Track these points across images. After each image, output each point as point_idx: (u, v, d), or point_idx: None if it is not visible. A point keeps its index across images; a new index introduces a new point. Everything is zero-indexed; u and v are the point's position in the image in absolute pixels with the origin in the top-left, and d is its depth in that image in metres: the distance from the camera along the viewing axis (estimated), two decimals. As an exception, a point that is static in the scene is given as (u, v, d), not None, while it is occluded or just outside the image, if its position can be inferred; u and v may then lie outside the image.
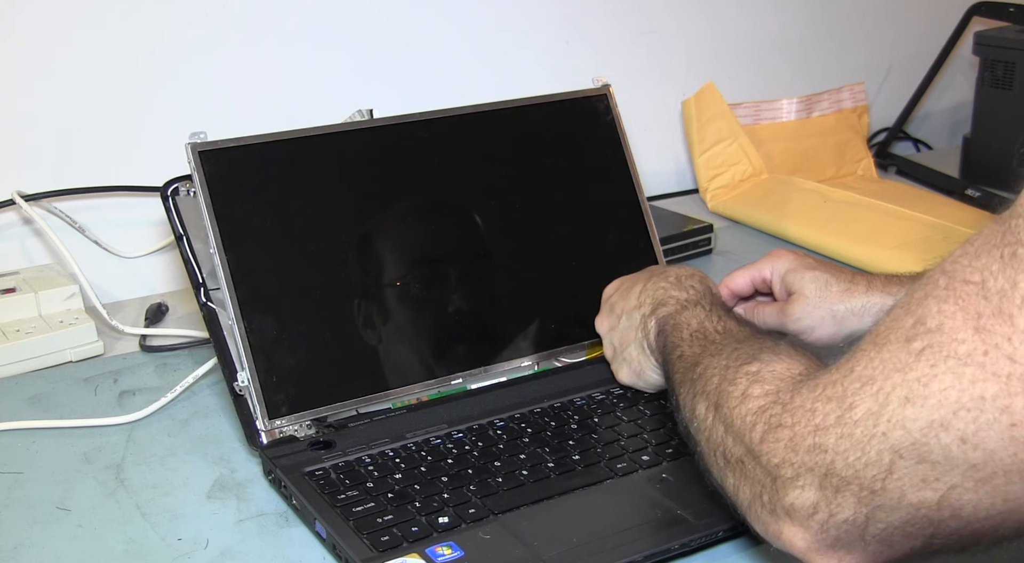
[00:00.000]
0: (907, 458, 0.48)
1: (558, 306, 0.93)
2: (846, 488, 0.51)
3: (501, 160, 0.94)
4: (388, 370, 0.85)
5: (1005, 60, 1.42)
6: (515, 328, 0.91)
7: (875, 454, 0.49)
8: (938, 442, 0.47)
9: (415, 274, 0.88)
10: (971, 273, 0.47)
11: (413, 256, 0.89)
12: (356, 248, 0.87)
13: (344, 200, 0.87)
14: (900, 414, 0.48)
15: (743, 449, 0.56)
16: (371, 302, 0.86)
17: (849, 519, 0.51)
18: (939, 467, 0.47)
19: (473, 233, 0.91)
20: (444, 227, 0.91)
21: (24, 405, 0.92)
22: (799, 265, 0.86)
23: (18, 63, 1.07)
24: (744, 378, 0.59)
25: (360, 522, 0.70)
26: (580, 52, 1.36)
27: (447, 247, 0.90)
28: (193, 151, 0.82)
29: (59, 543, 0.73)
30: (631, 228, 0.97)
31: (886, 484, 0.49)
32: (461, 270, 0.90)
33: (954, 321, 0.47)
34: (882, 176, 1.50)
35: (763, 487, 0.55)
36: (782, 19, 1.52)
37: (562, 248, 0.94)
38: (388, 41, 1.24)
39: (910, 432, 0.47)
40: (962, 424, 0.46)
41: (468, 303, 0.89)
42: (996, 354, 0.45)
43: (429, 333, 0.88)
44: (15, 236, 1.11)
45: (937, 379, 0.47)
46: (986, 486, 0.47)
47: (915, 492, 0.48)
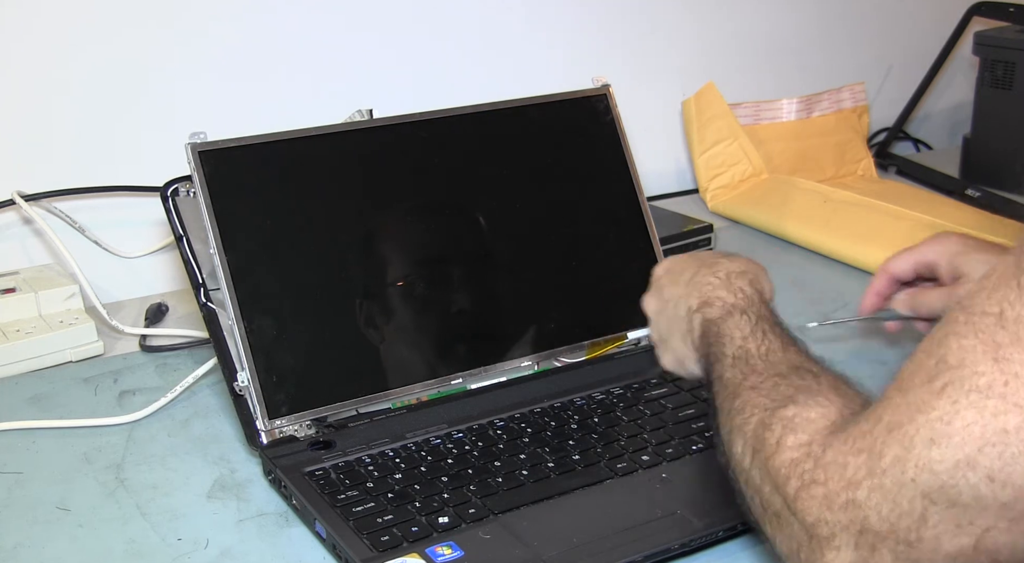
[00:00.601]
0: (938, 503, 0.47)
1: (558, 306, 0.93)
2: (882, 544, 0.49)
3: (501, 160, 0.94)
4: (388, 370, 0.85)
5: (1005, 60, 1.42)
6: (515, 328, 0.91)
7: (907, 504, 0.48)
8: (967, 482, 0.46)
9: (415, 274, 0.88)
10: (990, 305, 0.46)
11: (413, 256, 0.89)
12: (356, 248, 0.87)
13: (344, 200, 0.87)
14: (927, 457, 0.47)
15: (780, 502, 0.55)
16: (371, 302, 0.86)
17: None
18: (971, 510, 0.46)
19: (473, 233, 0.91)
20: (444, 227, 0.91)
21: (24, 405, 0.92)
22: (968, 247, 0.83)
23: (18, 63, 1.07)
24: (779, 424, 0.57)
25: (360, 522, 0.70)
26: (580, 52, 1.36)
27: (447, 247, 0.90)
28: (193, 151, 0.82)
29: (59, 543, 0.73)
30: (631, 228, 0.97)
31: (921, 534, 0.48)
32: (461, 270, 0.90)
33: (974, 355, 0.46)
34: (882, 176, 1.50)
35: (800, 544, 0.53)
36: (782, 19, 1.52)
37: (562, 248, 0.94)
38: (388, 41, 1.24)
39: (937, 474, 0.46)
40: (988, 461, 0.45)
41: (468, 303, 0.89)
42: (1016, 383, 0.44)
43: (429, 333, 0.88)
44: (15, 236, 1.11)
45: (960, 415, 0.46)
46: (1021, 525, 0.46)
47: (951, 540, 0.47)
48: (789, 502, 0.53)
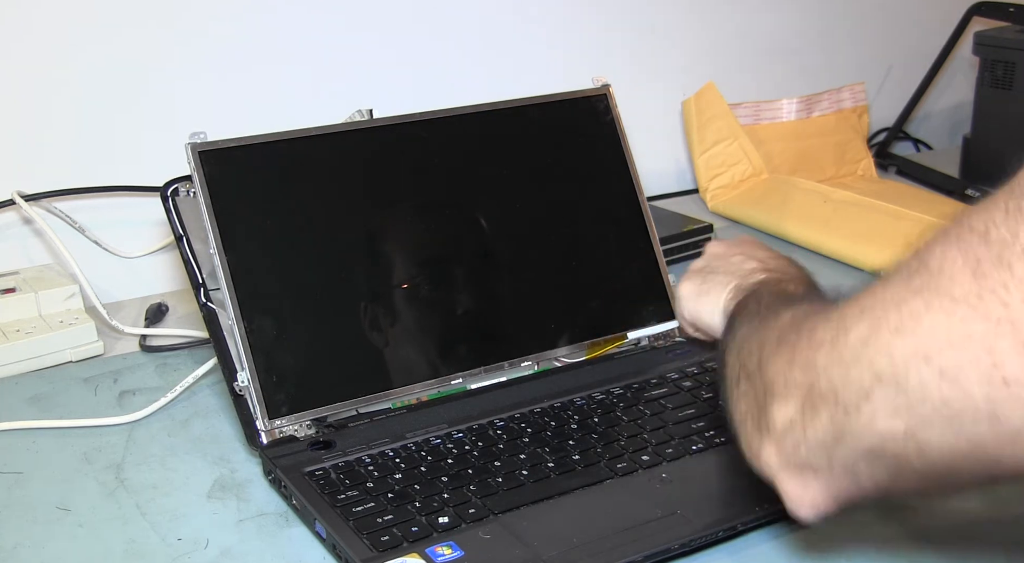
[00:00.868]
0: (886, 385, 0.49)
1: (558, 306, 0.93)
2: (823, 405, 0.52)
3: (501, 160, 0.94)
4: (388, 370, 0.85)
5: (1005, 60, 1.42)
6: (515, 328, 0.91)
7: (856, 376, 0.51)
8: (917, 373, 0.48)
9: (415, 274, 0.88)
10: (977, 222, 0.48)
11: (413, 256, 0.89)
12: (356, 248, 0.87)
13: (344, 200, 0.87)
14: (888, 342, 0.49)
15: (755, 363, 0.58)
16: (371, 302, 0.86)
17: (820, 439, 0.53)
18: (913, 399, 0.49)
19: (473, 233, 0.91)
20: (444, 227, 0.91)
21: (24, 405, 0.92)
22: None
23: (18, 63, 1.07)
24: (790, 310, 0.60)
25: (360, 522, 0.70)
26: (580, 52, 1.36)
27: (447, 247, 0.90)
28: (193, 151, 0.82)
29: (59, 543, 0.73)
30: (631, 228, 0.97)
31: (860, 407, 0.51)
32: (461, 270, 0.90)
33: (954, 265, 0.48)
34: (882, 176, 1.50)
35: (757, 402, 0.57)
36: (782, 19, 1.52)
37: (562, 248, 0.94)
38: (388, 41, 1.24)
39: (893, 360, 0.49)
40: (944, 359, 0.47)
41: (468, 303, 0.89)
42: (991, 298, 0.46)
43: (429, 333, 0.88)
44: (15, 236, 1.11)
45: (929, 315, 0.48)
46: (953, 424, 0.48)
47: (885, 420, 0.50)
48: (763, 359, 0.58)
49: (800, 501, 0.56)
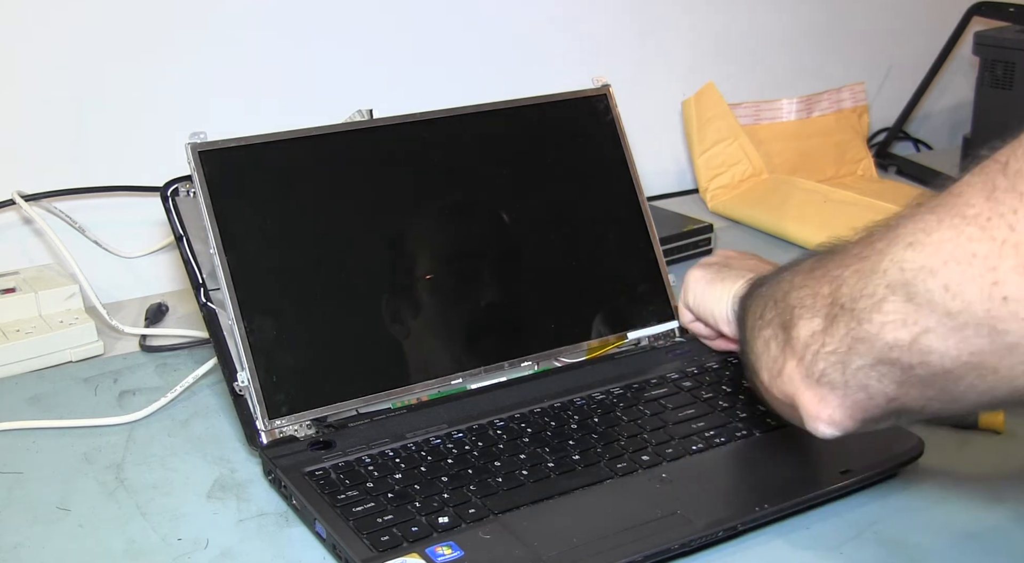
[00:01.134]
0: (897, 295, 0.53)
1: (558, 306, 0.93)
2: (841, 316, 0.56)
3: (501, 160, 0.94)
4: (388, 370, 0.85)
5: (1005, 60, 1.42)
6: (515, 328, 0.91)
7: (872, 287, 0.54)
8: (924, 285, 0.52)
9: (415, 274, 0.88)
10: (1000, 155, 0.51)
11: (413, 256, 0.89)
12: (356, 248, 0.87)
13: (344, 200, 0.87)
14: (901, 255, 0.53)
15: (784, 291, 0.62)
16: (371, 302, 0.86)
17: (836, 350, 0.57)
18: (920, 309, 0.52)
19: (473, 233, 0.91)
20: (444, 228, 0.91)
21: (24, 405, 0.92)
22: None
23: (18, 63, 1.07)
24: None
25: (360, 522, 0.70)
26: (580, 52, 1.36)
27: (447, 247, 0.90)
28: (193, 151, 0.82)
29: (59, 543, 0.73)
30: (631, 228, 0.97)
31: (872, 316, 0.54)
32: (461, 270, 0.90)
33: (971, 189, 0.51)
34: (882, 176, 1.50)
35: (783, 324, 0.61)
36: (782, 19, 1.52)
37: (562, 248, 0.94)
38: (388, 41, 1.24)
39: (904, 272, 0.53)
40: (949, 273, 0.51)
41: (468, 303, 0.89)
42: (999, 222, 0.49)
43: (429, 333, 0.88)
44: (15, 236, 1.11)
45: (939, 231, 0.52)
46: (956, 336, 0.51)
47: (893, 331, 0.53)
48: (794, 285, 0.61)
49: (818, 416, 0.59)
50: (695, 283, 0.87)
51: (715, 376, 0.90)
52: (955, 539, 0.71)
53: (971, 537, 0.72)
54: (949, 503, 0.75)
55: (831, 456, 0.78)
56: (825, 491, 0.74)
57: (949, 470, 0.79)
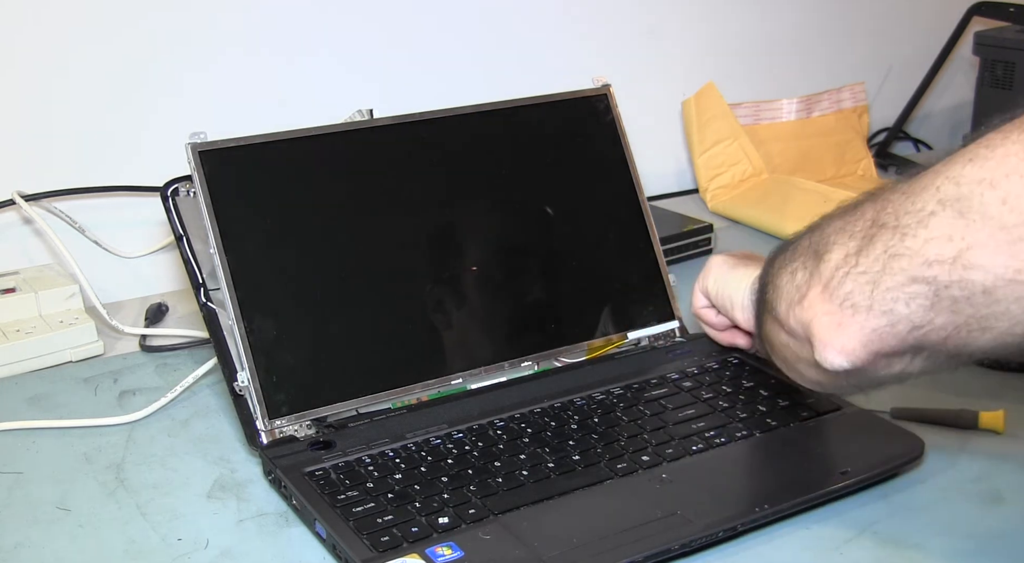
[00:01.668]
0: (947, 210, 0.52)
1: (558, 306, 0.93)
2: (881, 234, 0.55)
3: (501, 160, 0.94)
4: (388, 370, 0.85)
5: (1005, 60, 1.42)
6: (515, 328, 0.91)
7: (920, 203, 0.54)
8: (980, 199, 0.51)
9: (415, 274, 0.88)
10: None
11: (412, 256, 0.89)
12: (355, 248, 0.87)
13: (344, 200, 0.87)
14: (958, 172, 0.53)
15: (818, 229, 0.62)
16: (370, 302, 0.86)
17: (868, 270, 0.55)
18: (972, 225, 0.51)
19: (473, 233, 0.91)
20: (443, 227, 0.91)
21: (24, 405, 0.92)
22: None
23: (19, 63, 1.07)
24: None
25: (360, 522, 0.70)
26: (580, 52, 1.36)
27: (446, 247, 0.90)
28: (193, 151, 0.82)
29: (59, 543, 0.73)
30: (631, 228, 0.97)
31: (916, 232, 0.53)
32: (460, 270, 0.90)
33: None
34: (882, 176, 1.50)
35: (815, 254, 0.60)
36: (782, 19, 1.52)
37: (561, 248, 0.94)
38: (388, 41, 1.24)
39: (959, 186, 0.52)
40: (1010, 186, 0.50)
41: (467, 303, 0.89)
42: None
43: (428, 333, 0.88)
44: (15, 236, 1.11)
45: (1004, 146, 0.52)
46: (1007, 251, 0.50)
47: (937, 246, 0.53)
48: (830, 223, 0.62)
49: (830, 342, 0.57)
50: (718, 266, 0.85)
51: (715, 376, 0.90)
52: (955, 539, 0.71)
53: (971, 537, 0.72)
54: (949, 503, 0.75)
55: (831, 456, 0.78)
56: (825, 491, 0.74)
57: (949, 470, 0.79)
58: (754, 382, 0.88)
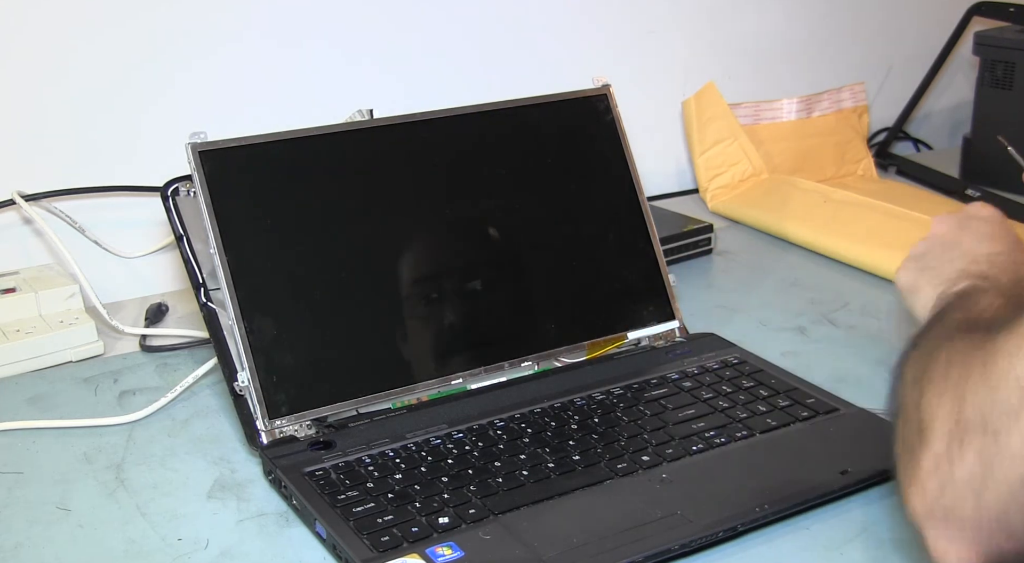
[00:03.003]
0: None
1: (558, 306, 0.93)
2: (971, 436, 0.48)
3: (501, 160, 0.94)
4: (388, 370, 0.85)
5: (1005, 60, 1.42)
6: (515, 328, 0.91)
7: (1004, 396, 0.47)
8: None
9: (415, 274, 0.88)
10: None
11: (413, 256, 0.89)
12: (356, 248, 0.87)
13: (344, 200, 0.87)
14: None
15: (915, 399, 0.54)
16: (371, 302, 0.86)
17: (967, 477, 0.48)
18: None
19: (473, 233, 0.91)
20: (444, 228, 0.91)
21: (24, 405, 0.92)
22: None
23: (18, 64, 1.07)
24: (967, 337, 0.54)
25: (360, 522, 0.70)
26: (580, 52, 1.36)
27: (447, 247, 0.90)
28: (193, 151, 0.82)
29: (59, 543, 0.73)
30: (631, 228, 0.97)
31: (1011, 429, 0.47)
32: (461, 270, 0.90)
33: None
34: (882, 176, 1.50)
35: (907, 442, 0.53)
36: (782, 19, 1.52)
37: (562, 248, 0.94)
38: (388, 41, 1.24)
39: None
40: None
41: (468, 303, 0.89)
42: None
43: (429, 333, 0.88)
44: (15, 236, 1.11)
45: None
46: None
47: None
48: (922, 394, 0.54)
49: (945, 556, 0.51)
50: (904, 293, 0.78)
51: (715, 376, 0.90)
52: None
53: None
54: None
55: (831, 456, 0.78)
56: (825, 491, 0.74)
57: (949, 470, 0.79)
58: (754, 382, 0.88)
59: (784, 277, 1.18)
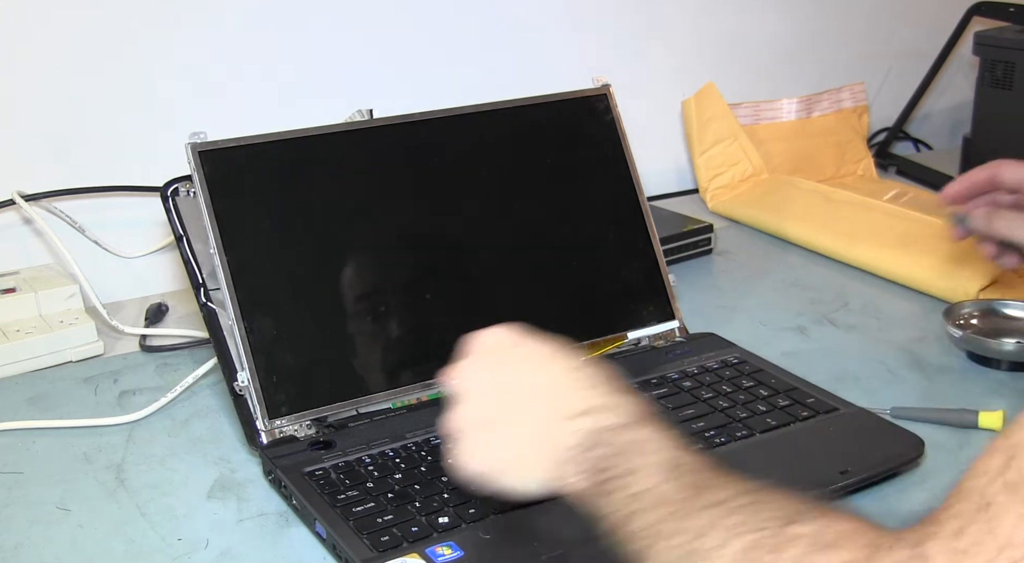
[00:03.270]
0: None
1: (558, 306, 0.93)
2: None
3: (501, 160, 0.94)
4: (388, 370, 0.85)
5: (1005, 60, 1.42)
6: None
7: None
8: None
9: (416, 273, 0.88)
10: None
11: (413, 256, 0.89)
12: (356, 248, 0.87)
13: (344, 200, 0.87)
14: None
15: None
16: (371, 302, 0.86)
17: None
18: None
19: (473, 233, 0.91)
20: (444, 227, 0.91)
21: (24, 405, 0.92)
22: None
23: (18, 63, 1.07)
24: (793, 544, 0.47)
25: (360, 522, 0.70)
26: (580, 52, 1.36)
27: (447, 247, 0.90)
28: (193, 151, 0.82)
29: (59, 543, 0.73)
30: (631, 228, 0.97)
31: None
32: (461, 269, 0.90)
33: None
34: (882, 176, 1.50)
35: None
36: (782, 19, 1.52)
37: (562, 248, 0.94)
38: (388, 41, 1.24)
39: None
40: None
41: (469, 302, 0.89)
42: None
43: (429, 332, 0.88)
44: (15, 236, 1.11)
45: None
46: None
47: None
48: None
49: None
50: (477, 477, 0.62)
51: (715, 376, 0.90)
52: None
53: None
54: (949, 503, 0.75)
55: (831, 456, 0.78)
56: (825, 491, 0.74)
57: (949, 470, 0.79)
58: (754, 382, 0.88)
59: (784, 277, 1.18)
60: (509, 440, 0.60)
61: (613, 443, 0.56)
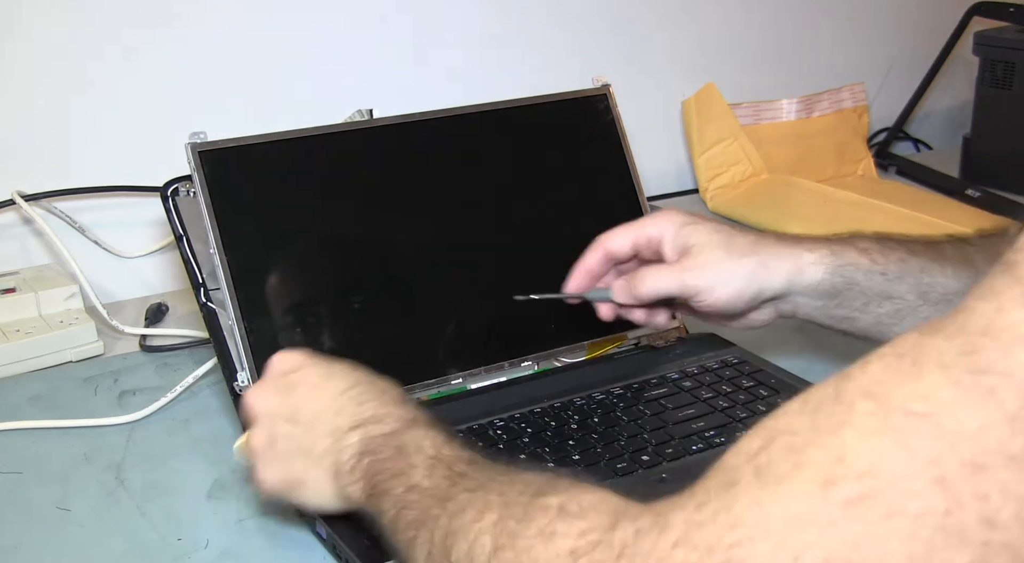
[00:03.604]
0: None
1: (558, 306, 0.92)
2: None
3: (501, 160, 0.94)
4: (388, 370, 0.85)
5: (1005, 60, 1.42)
6: (514, 328, 0.91)
7: None
8: None
9: (416, 273, 0.88)
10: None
11: (413, 255, 0.89)
12: (356, 248, 0.87)
13: (344, 200, 0.87)
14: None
15: None
16: (371, 302, 0.86)
17: None
18: None
19: (473, 233, 0.91)
20: (444, 226, 0.91)
21: (24, 405, 0.92)
22: (694, 219, 0.77)
23: (18, 63, 1.07)
24: (541, 513, 0.49)
25: (360, 522, 0.70)
26: (580, 52, 1.36)
27: (447, 246, 0.90)
28: (193, 151, 0.82)
29: (59, 543, 0.73)
30: (631, 228, 0.97)
31: None
32: (461, 269, 0.90)
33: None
34: (882, 176, 1.50)
35: None
36: (782, 19, 1.52)
37: (562, 248, 0.94)
38: (388, 41, 1.24)
39: None
40: None
41: (469, 302, 0.89)
42: None
43: (429, 333, 0.88)
44: (15, 236, 1.11)
45: None
46: None
47: None
48: None
49: None
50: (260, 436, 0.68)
51: (715, 376, 0.90)
52: None
53: None
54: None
55: (831, 456, 0.78)
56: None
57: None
58: (754, 382, 0.88)
59: (784, 277, 1.18)
60: (294, 459, 0.66)
61: (383, 449, 0.61)
